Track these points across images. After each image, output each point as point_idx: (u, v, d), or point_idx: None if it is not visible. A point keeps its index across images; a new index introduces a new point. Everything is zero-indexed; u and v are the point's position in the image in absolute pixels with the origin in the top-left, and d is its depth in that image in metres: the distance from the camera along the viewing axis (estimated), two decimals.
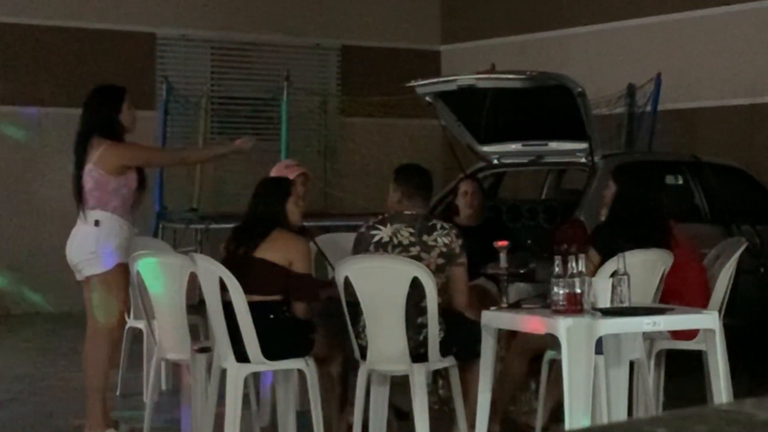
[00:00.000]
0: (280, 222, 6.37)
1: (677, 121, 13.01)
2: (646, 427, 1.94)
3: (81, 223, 6.93)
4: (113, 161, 6.84)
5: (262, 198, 6.50)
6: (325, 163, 14.82)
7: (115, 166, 6.84)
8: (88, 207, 6.87)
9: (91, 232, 6.85)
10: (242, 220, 6.57)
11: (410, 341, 6.06)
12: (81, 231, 6.91)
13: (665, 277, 6.37)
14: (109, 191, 6.84)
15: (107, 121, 6.94)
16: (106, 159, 6.83)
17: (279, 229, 6.34)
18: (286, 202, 6.44)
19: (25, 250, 13.35)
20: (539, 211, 9.28)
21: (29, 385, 8.93)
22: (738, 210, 9.58)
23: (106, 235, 6.84)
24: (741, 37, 12.72)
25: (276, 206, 6.41)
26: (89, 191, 6.85)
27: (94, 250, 6.84)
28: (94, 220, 6.85)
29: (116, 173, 6.85)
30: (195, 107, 14.34)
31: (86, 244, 6.87)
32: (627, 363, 6.09)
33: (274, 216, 6.38)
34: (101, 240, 6.84)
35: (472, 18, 15.72)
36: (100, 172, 6.83)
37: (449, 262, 6.25)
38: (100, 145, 6.85)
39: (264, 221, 6.38)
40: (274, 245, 6.28)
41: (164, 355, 6.83)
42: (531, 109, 8.91)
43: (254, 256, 6.28)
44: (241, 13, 15.02)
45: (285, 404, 6.62)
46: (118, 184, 6.85)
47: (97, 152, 6.84)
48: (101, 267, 6.85)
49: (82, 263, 6.89)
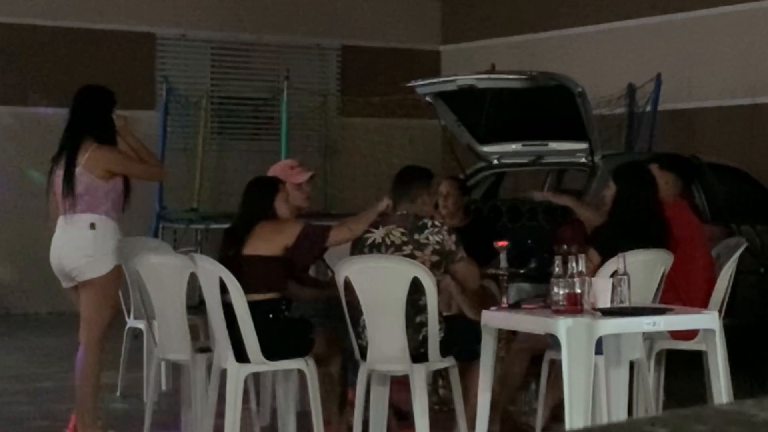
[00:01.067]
0: (267, 218, 6.36)
1: (677, 121, 13.01)
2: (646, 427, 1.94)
3: (71, 227, 6.78)
4: (102, 165, 6.75)
5: (250, 198, 6.50)
6: (325, 163, 14.82)
7: (104, 170, 6.76)
8: (78, 211, 6.75)
9: (88, 235, 6.75)
10: (233, 221, 6.59)
11: (410, 341, 6.06)
12: (75, 236, 6.77)
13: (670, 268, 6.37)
14: (101, 195, 6.76)
15: (103, 124, 6.86)
16: (95, 163, 6.74)
17: (263, 222, 6.33)
18: (274, 200, 6.44)
19: (25, 250, 13.34)
20: (539, 211, 9.28)
21: (29, 385, 8.93)
22: (738, 210, 9.58)
23: (103, 238, 6.78)
24: (741, 37, 12.72)
25: (264, 205, 6.41)
26: (79, 195, 6.73)
27: (91, 254, 6.76)
28: (89, 224, 6.75)
29: (105, 177, 6.76)
30: (195, 107, 14.35)
31: (83, 248, 6.76)
32: (627, 363, 6.09)
33: (261, 214, 6.38)
34: (98, 243, 6.77)
35: (472, 18, 15.72)
36: (90, 177, 6.74)
37: (446, 260, 6.24)
38: (89, 147, 6.76)
39: (250, 219, 6.38)
40: (260, 237, 6.28)
41: (164, 355, 6.82)
42: (531, 109, 8.91)
43: (244, 254, 6.27)
44: (241, 13, 15.03)
45: (285, 404, 6.62)
46: (107, 188, 6.77)
47: (86, 155, 6.75)
48: (101, 270, 6.78)
49: (79, 268, 6.77)
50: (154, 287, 6.72)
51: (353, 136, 15.23)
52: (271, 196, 6.44)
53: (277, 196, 6.46)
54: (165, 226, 13.23)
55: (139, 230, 10.75)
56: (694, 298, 6.75)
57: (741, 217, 9.42)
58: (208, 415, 6.39)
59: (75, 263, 6.78)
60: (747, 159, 11.20)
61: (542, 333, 5.92)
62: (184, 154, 14.13)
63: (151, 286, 6.73)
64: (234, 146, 14.78)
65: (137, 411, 7.35)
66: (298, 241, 6.23)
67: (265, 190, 6.50)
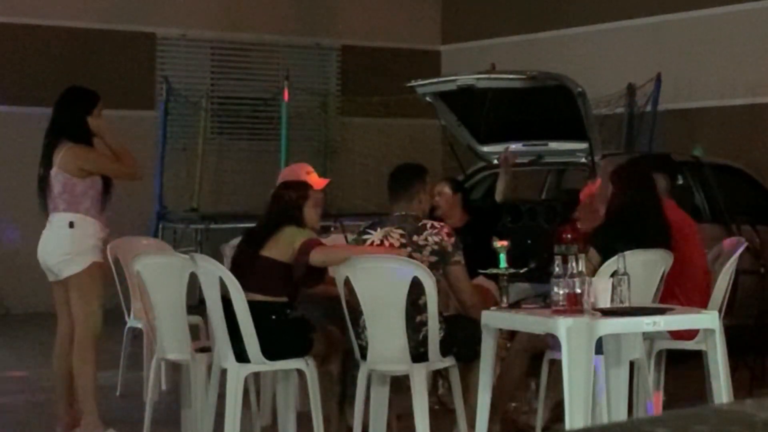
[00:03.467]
0: (295, 223, 6.33)
1: (677, 121, 13.01)
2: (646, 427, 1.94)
3: (53, 225, 6.94)
4: (74, 163, 6.86)
5: (279, 201, 6.46)
6: (325, 163, 14.82)
7: (77, 168, 6.87)
8: (58, 210, 6.89)
9: (66, 234, 6.88)
10: (258, 221, 6.58)
11: (410, 340, 6.06)
12: (55, 234, 6.93)
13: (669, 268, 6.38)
14: (78, 194, 6.87)
15: (76, 124, 6.94)
16: (68, 162, 6.86)
17: (287, 226, 6.31)
18: (304, 205, 6.41)
19: (25, 250, 13.34)
20: (539, 211, 9.28)
21: (29, 385, 8.93)
22: (738, 210, 9.58)
23: (81, 236, 6.89)
24: (741, 37, 12.72)
25: (292, 209, 6.38)
26: (58, 195, 6.88)
27: (69, 252, 6.88)
28: (68, 222, 6.87)
29: (80, 176, 6.87)
30: (195, 107, 14.35)
31: (61, 246, 6.90)
32: (627, 363, 6.09)
33: (289, 217, 6.35)
34: (76, 241, 6.88)
35: (472, 18, 15.72)
36: (65, 176, 6.86)
37: (443, 261, 6.23)
38: (63, 147, 6.89)
39: (276, 221, 6.35)
40: (280, 241, 6.25)
41: (164, 355, 6.83)
42: (531, 109, 8.92)
43: (260, 254, 6.26)
44: (241, 13, 15.03)
45: (285, 404, 6.62)
46: (85, 187, 6.88)
47: (60, 154, 6.88)
48: (77, 267, 6.88)
49: (59, 265, 6.91)
50: (154, 287, 6.73)
51: (353, 136, 15.23)
52: (300, 201, 6.42)
53: (306, 202, 6.43)
54: (165, 226, 13.24)
55: (139, 230, 10.75)
56: (693, 297, 6.75)
57: (741, 217, 9.42)
58: (208, 415, 6.39)
59: (55, 260, 6.94)
60: (747, 159, 11.20)
61: (542, 333, 5.93)
62: (184, 154, 14.15)
63: (151, 286, 6.74)
64: (234, 146, 14.78)
65: (137, 411, 7.35)
66: (298, 251, 6.22)
67: (294, 194, 6.46)
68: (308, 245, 6.19)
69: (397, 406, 6.64)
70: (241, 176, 14.02)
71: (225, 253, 7.52)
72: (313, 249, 6.17)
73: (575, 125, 8.61)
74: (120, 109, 12.95)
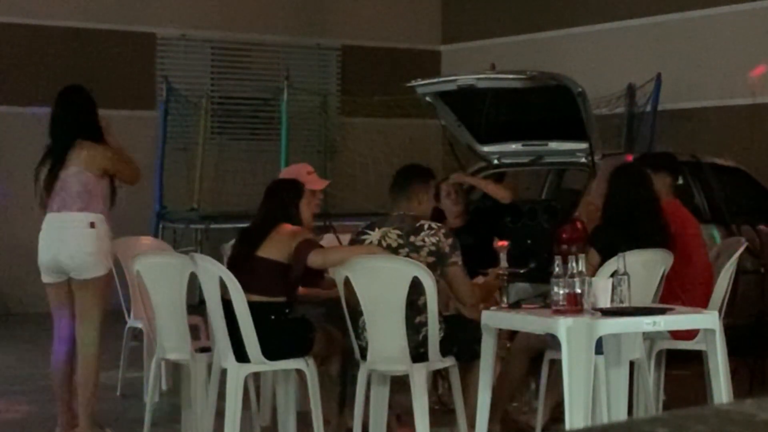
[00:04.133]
0: (287, 221, 6.33)
1: (677, 121, 13.01)
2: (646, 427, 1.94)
3: (66, 225, 6.79)
4: (100, 163, 6.78)
5: (272, 199, 6.46)
6: (325, 163, 14.82)
7: (101, 168, 6.79)
8: (71, 210, 6.77)
9: (89, 234, 6.77)
10: (252, 221, 6.56)
11: (410, 341, 6.06)
12: (75, 233, 6.77)
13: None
14: (96, 194, 6.79)
15: (93, 123, 6.88)
16: (94, 161, 6.77)
17: (282, 225, 6.30)
18: (299, 204, 6.41)
19: (26, 250, 13.34)
20: (539, 211, 9.28)
21: (29, 385, 8.93)
22: (738, 210, 9.58)
23: (103, 237, 6.81)
24: (741, 37, 12.72)
25: (286, 207, 6.38)
26: (76, 194, 6.76)
27: (92, 252, 6.77)
28: (88, 223, 6.77)
29: (101, 176, 6.80)
30: (195, 107, 14.35)
31: (84, 246, 6.77)
32: (627, 363, 6.09)
33: (284, 216, 6.35)
34: (99, 242, 6.79)
35: (472, 18, 15.72)
36: (87, 175, 6.76)
37: (441, 262, 6.22)
38: (84, 146, 6.78)
39: (271, 220, 6.35)
40: (276, 241, 6.24)
41: (164, 355, 6.82)
42: (531, 109, 8.91)
43: (257, 255, 6.26)
44: (241, 13, 15.03)
45: (285, 404, 6.62)
46: (101, 187, 6.82)
47: (82, 154, 6.77)
48: (102, 270, 6.82)
49: (82, 265, 6.77)
50: (154, 287, 6.73)
51: (353, 136, 15.23)
52: (295, 199, 6.41)
53: (300, 200, 6.43)
54: (165, 226, 13.24)
55: (139, 230, 10.74)
56: (693, 297, 6.75)
57: (741, 217, 9.41)
58: (208, 415, 6.39)
59: (77, 261, 6.78)
60: (747, 159, 11.20)
61: (542, 333, 5.93)
62: (184, 154, 14.14)
63: (151, 286, 6.74)
64: (234, 146, 14.78)
65: (137, 411, 7.35)
66: (295, 252, 6.21)
67: (288, 192, 6.46)
68: (306, 246, 6.18)
69: (397, 406, 6.64)
70: (241, 176, 14.01)
71: (225, 253, 7.52)
72: (311, 251, 6.16)
73: (575, 125, 8.61)
74: (120, 109, 12.97)
